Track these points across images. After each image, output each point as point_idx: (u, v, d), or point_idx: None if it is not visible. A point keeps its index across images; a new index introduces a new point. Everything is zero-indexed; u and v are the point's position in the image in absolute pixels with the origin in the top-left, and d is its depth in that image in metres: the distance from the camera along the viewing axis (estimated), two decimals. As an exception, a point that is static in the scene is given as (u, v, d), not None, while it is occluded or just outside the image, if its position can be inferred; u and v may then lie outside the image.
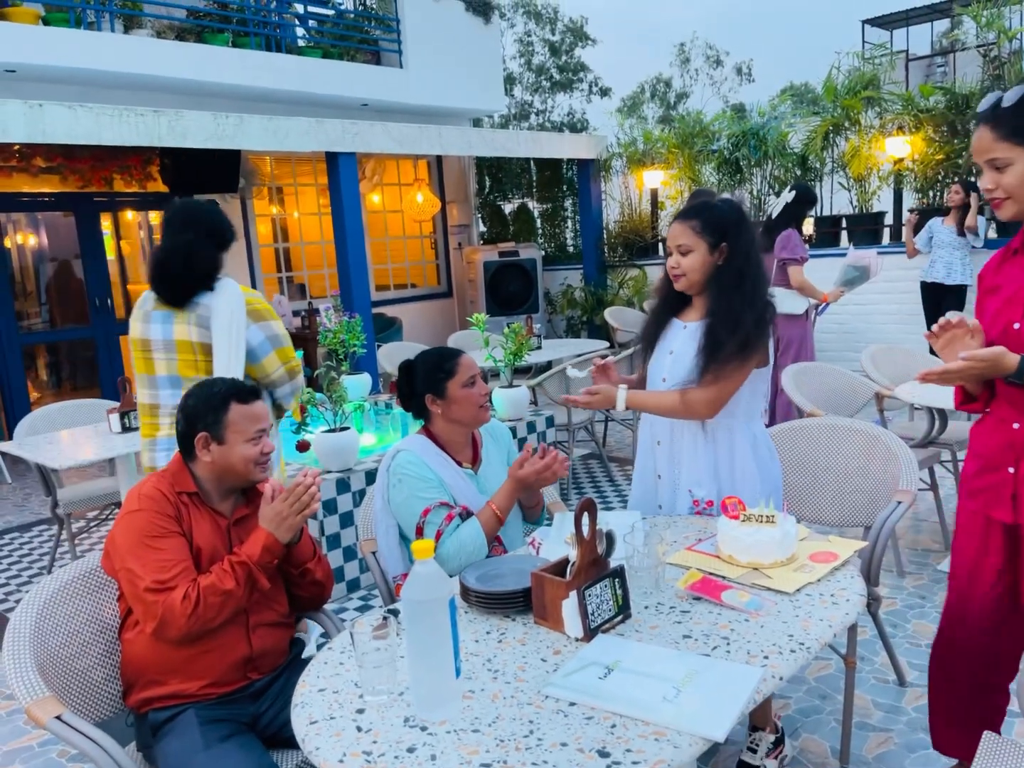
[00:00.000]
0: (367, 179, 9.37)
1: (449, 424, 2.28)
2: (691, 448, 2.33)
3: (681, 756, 1.27)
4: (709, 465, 2.31)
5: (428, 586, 1.39)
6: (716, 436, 2.31)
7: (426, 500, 2.17)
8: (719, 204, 2.29)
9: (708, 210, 2.26)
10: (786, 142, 8.25)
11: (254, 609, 1.92)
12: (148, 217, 8.76)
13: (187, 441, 1.95)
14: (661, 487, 2.41)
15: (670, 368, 2.32)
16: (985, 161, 1.74)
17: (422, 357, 2.36)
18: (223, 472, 1.95)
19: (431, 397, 2.27)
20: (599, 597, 1.65)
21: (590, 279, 9.37)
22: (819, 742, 2.50)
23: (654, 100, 27.75)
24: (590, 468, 5.68)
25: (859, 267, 4.89)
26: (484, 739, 1.33)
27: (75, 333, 8.31)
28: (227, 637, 1.87)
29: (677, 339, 2.35)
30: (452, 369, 2.27)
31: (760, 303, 2.24)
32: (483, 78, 9.27)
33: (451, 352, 2.35)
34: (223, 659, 1.87)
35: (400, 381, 2.35)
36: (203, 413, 1.94)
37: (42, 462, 3.64)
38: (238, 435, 1.93)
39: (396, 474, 2.22)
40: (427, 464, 2.22)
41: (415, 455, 2.24)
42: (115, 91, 6.77)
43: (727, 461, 2.32)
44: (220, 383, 2.02)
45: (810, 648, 1.55)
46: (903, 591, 3.44)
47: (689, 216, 2.26)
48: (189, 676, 1.84)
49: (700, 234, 2.23)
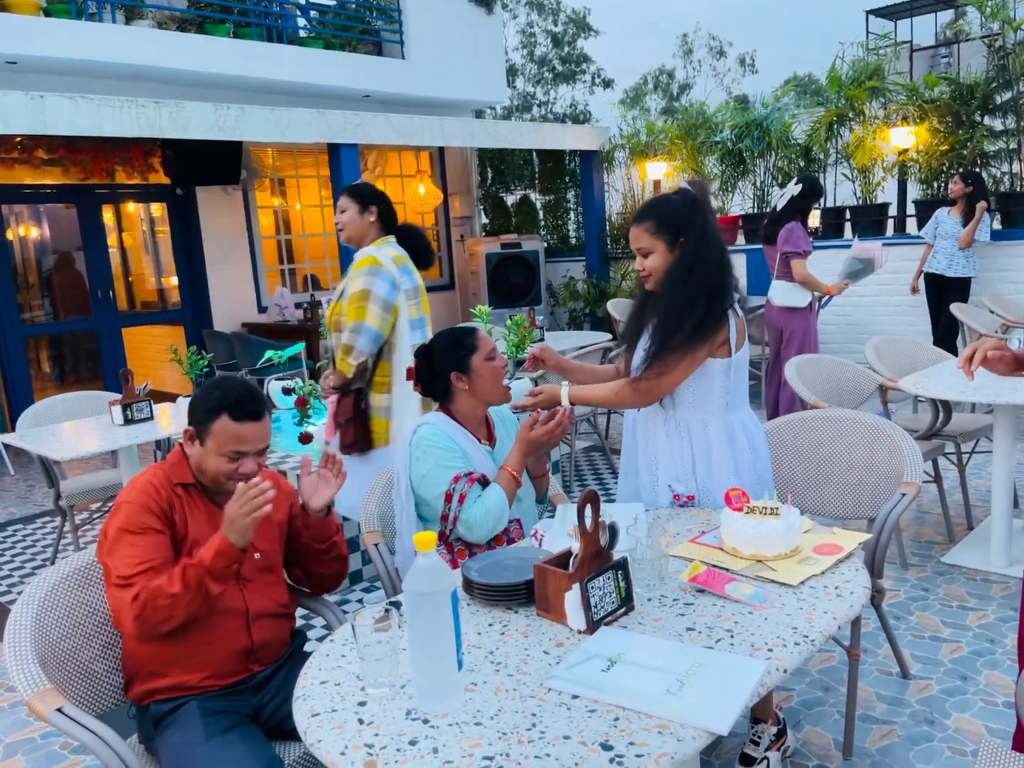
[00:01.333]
0: (369, 170, 9.35)
1: (473, 400, 2.32)
2: (665, 444, 2.33)
3: (685, 749, 1.26)
4: (686, 460, 2.32)
5: (430, 578, 1.38)
6: (691, 430, 2.31)
7: (452, 469, 2.19)
8: (672, 198, 2.28)
9: (661, 206, 2.26)
10: (790, 133, 8.20)
11: (254, 600, 1.92)
12: (150, 209, 8.76)
13: (187, 425, 1.95)
14: (640, 484, 2.42)
15: None
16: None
17: (439, 338, 2.38)
18: (198, 471, 1.94)
19: (457, 374, 2.29)
20: (602, 589, 1.64)
21: (592, 271, 9.35)
22: (822, 734, 2.50)
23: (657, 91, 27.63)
24: (592, 460, 5.67)
25: (863, 259, 4.87)
26: (486, 732, 1.32)
27: (77, 325, 8.31)
28: (227, 629, 1.87)
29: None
30: (473, 344, 2.30)
31: (709, 293, 2.19)
32: (485, 69, 9.23)
33: (467, 328, 2.38)
34: (224, 651, 1.86)
35: (419, 365, 2.36)
36: (196, 408, 1.92)
37: (44, 454, 3.64)
38: (216, 446, 1.89)
39: (419, 447, 2.24)
40: (450, 436, 2.26)
41: (438, 428, 2.27)
42: (116, 82, 6.75)
43: (704, 454, 2.31)
44: (227, 386, 1.93)
45: (814, 641, 1.54)
46: (906, 583, 3.43)
47: (643, 218, 2.26)
48: (190, 668, 1.83)
49: (656, 234, 2.23)
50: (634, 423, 2.44)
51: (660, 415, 2.34)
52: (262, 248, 8.85)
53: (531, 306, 6.96)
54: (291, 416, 4.42)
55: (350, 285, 3.07)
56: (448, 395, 2.34)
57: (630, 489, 2.48)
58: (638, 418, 2.41)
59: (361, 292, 3.02)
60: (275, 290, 8.68)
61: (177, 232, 8.43)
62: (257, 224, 8.78)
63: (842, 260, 5.12)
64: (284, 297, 8.50)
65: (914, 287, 6.74)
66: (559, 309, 9.86)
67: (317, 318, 7.46)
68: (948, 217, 6.38)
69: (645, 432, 2.39)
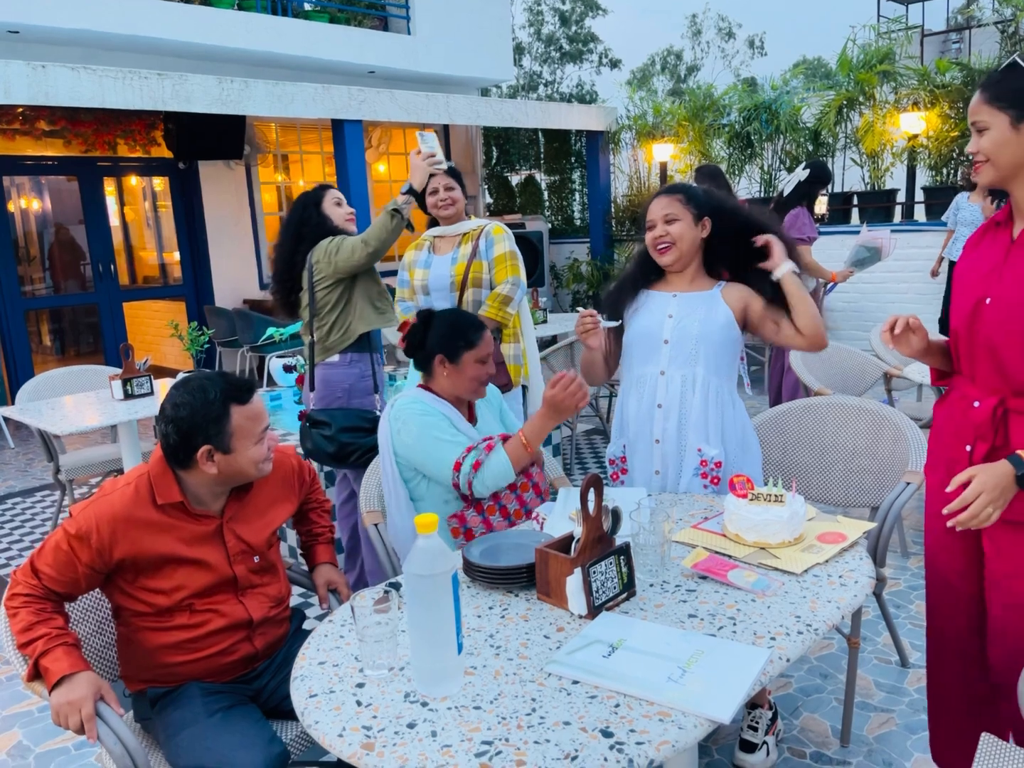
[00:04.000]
0: (373, 148, 9.28)
1: (450, 388, 2.29)
2: (701, 408, 2.29)
3: (686, 737, 1.25)
4: (717, 425, 2.30)
5: (430, 561, 1.37)
6: (722, 400, 2.31)
7: (442, 437, 2.18)
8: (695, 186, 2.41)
9: (688, 188, 2.37)
10: (798, 116, 8.13)
11: (255, 608, 1.87)
12: (152, 183, 8.69)
13: (182, 455, 1.75)
14: (661, 451, 2.36)
15: (672, 330, 2.31)
16: (971, 123, 1.73)
17: (447, 315, 2.34)
18: (228, 479, 1.81)
19: (442, 358, 2.25)
20: (604, 574, 1.63)
21: (597, 253, 9.30)
22: (820, 721, 2.49)
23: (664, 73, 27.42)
24: (593, 443, 5.66)
25: (871, 247, 4.81)
26: (486, 716, 1.31)
27: (78, 299, 8.28)
28: (230, 642, 1.84)
29: (671, 306, 2.34)
30: (474, 341, 2.26)
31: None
32: (492, 47, 9.14)
33: (477, 323, 2.32)
34: (227, 660, 1.85)
35: (415, 328, 2.31)
36: (202, 425, 1.73)
37: (44, 428, 3.62)
38: (246, 440, 1.77)
39: (398, 419, 2.22)
40: (428, 404, 2.24)
41: (414, 397, 2.26)
42: (119, 53, 6.68)
43: (737, 427, 2.33)
44: (211, 385, 1.76)
45: (817, 630, 1.53)
46: (907, 571, 3.43)
47: (672, 191, 2.34)
48: (191, 676, 1.82)
49: (686, 205, 2.30)
50: (652, 390, 2.35)
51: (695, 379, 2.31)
52: (265, 224, 8.79)
53: (534, 287, 6.91)
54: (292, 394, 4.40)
55: (496, 247, 3.39)
56: (428, 371, 2.30)
57: (642, 458, 2.39)
58: (659, 385, 2.34)
59: (511, 252, 3.42)
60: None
61: (179, 206, 8.38)
62: (260, 200, 8.73)
63: (849, 247, 5.07)
64: (286, 274, 8.45)
65: (934, 271, 6.69)
66: (562, 291, 9.82)
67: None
68: (968, 203, 6.32)
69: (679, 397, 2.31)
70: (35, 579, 1.72)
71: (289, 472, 2.04)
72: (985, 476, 1.63)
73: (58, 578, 1.72)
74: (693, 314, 2.30)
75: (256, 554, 1.89)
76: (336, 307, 3.13)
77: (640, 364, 2.37)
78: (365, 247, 2.99)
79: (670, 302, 2.35)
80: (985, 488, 1.62)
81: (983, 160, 1.70)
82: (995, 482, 1.62)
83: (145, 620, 1.79)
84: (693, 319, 2.29)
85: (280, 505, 1.99)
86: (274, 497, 1.98)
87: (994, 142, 1.66)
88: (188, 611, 1.80)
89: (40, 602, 1.70)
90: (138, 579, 1.77)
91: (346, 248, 3.03)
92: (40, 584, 1.72)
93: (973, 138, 1.72)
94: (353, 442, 2.91)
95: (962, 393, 1.82)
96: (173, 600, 1.78)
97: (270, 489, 1.97)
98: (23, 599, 1.70)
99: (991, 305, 1.70)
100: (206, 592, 1.81)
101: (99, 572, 1.75)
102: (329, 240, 3.09)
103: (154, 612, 1.78)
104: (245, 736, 1.68)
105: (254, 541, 1.88)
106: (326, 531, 2.20)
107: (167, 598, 1.77)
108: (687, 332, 2.29)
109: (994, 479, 1.62)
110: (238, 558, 1.85)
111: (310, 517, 2.19)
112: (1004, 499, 1.64)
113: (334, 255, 3.04)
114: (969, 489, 1.63)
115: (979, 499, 1.62)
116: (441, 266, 3.40)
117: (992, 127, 1.66)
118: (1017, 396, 1.69)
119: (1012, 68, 1.65)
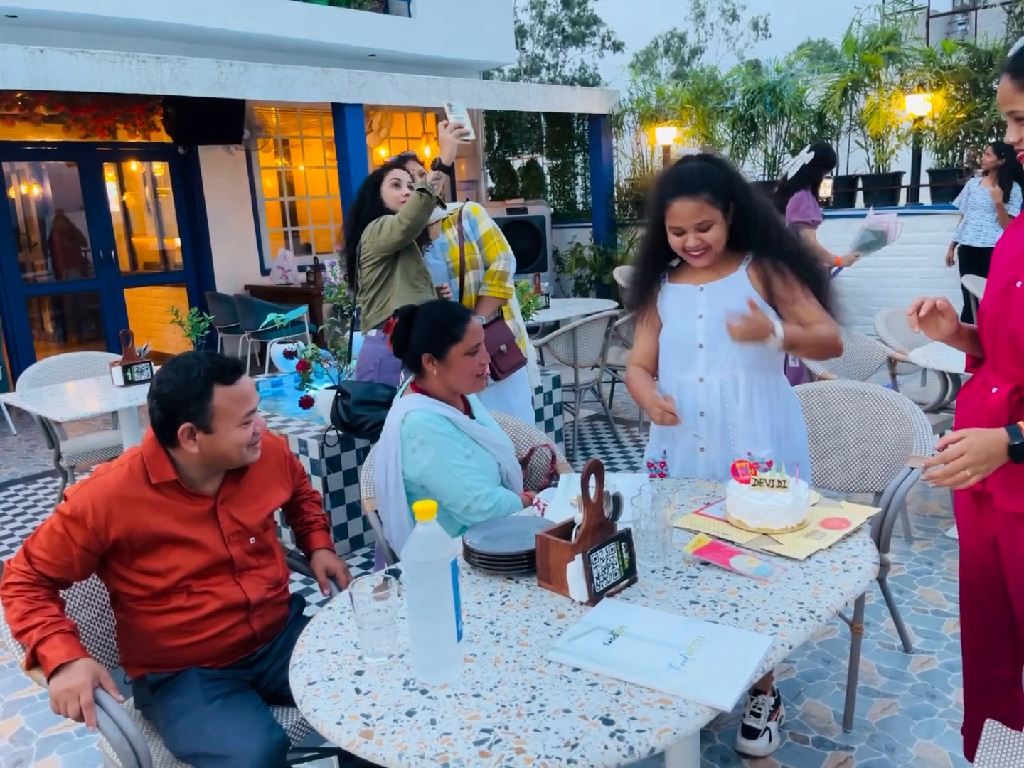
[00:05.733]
0: (374, 132, 9.22)
1: (443, 386, 2.23)
2: (746, 412, 2.19)
3: (687, 725, 1.24)
4: (765, 424, 2.19)
5: (430, 547, 1.35)
6: (769, 393, 2.21)
7: (455, 462, 2.14)
8: (705, 167, 2.13)
9: (705, 175, 2.10)
10: (803, 99, 8.06)
11: (252, 590, 1.86)
12: (152, 168, 8.65)
13: (167, 431, 1.76)
14: (706, 460, 2.25)
15: (706, 333, 2.18)
16: (1007, 112, 1.64)
17: (427, 310, 2.26)
18: (212, 461, 1.80)
19: (429, 356, 2.19)
20: (605, 561, 1.62)
21: (599, 238, 9.25)
22: (822, 706, 2.49)
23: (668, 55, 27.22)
24: (596, 429, 5.64)
25: (877, 231, 4.77)
26: (485, 704, 1.30)
27: (79, 285, 8.26)
28: (228, 624, 1.83)
29: (699, 303, 2.19)
30: (459, 334, 2.17)
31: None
32: (493, 29, 9.05)
33: (460, 314, 2.23)
34: (225, 644, 1.84)
35: (399, 328, 2.24)
36: (184, 402, 1.73)
37: (44, 414, 3.62)
38: (228, 421, 1.76)
39: (414, 437, 2.15)
40: (432, 413, 2.18)
41: (427, 412, 2.18)
42: (117, 37, 6.63)
43: (782, 416, 2.23)
44: (197, 363, 1.76)
45: (820, 616, 1.51)
46: (910, 557, 3.41)
47: (697, 190, 2.08)
48: (190, 660, 1.81)
49: (714, 205, 2.09)
50: (692, 397, 2.22)
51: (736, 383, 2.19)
52: (265, 210, 8.76)
53: (536, 272, 6.88)
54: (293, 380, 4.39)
55: (481, 225, 3.47)
56: (419, 371, 2.23)
57: (687, 468, 2.28)
58: (699, 390, 2.21)
59: (494, 227, 3.51)
60: (278, 252, 8.61)
61: (179, 192, 8.34)
62: (260, 185, 8.68)
63: (854, 231, 5.03)
64: (287, 259, 8.43)
65: (949, 258, 6.65)
66: (565, 276, 9.78)
67: (320, 281, 7.40)
68: (980, 187, 6.26)
69: (720, 403, 2.20)
70: (28, 565, 1.72)
71: (282, 459, 2.04)
72: (974, 439, 1.57)
73: (52, 562, 1.71)
74: (731, 309, 2.12)
75: (252, 535, 1.89)
76: (377, 284, 3.24)
77: (677, 371, 2.24)
78: (400, 225, 3.10)
79: (697, 298, 2.20)
80: (970, 450, 1.56)
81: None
82: (982, 446, 1.56)
83: (142, 604, 1.78)
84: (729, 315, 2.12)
85: (275, 490, 1.99)
86: (269, 481, 1.98)
87: None
88: (185, 593, 1.79)
89: (33, 589, 1.70)
90: (134, 561, 1.76)
91: (386, 227, 3.15)
92: (33, 570, 1.71)
93: (1012, 127, 1.61)
94: (364, 415, 3.04)
95: (983, 379, 1.77)
96: (169, 581, 1.77)
97: (265, 473, 1.97)
98: (16, 588, 1.69)
99: (1021, 288, 1.64)
100: (202, 573, 1.80)
101: (94, 554, 1.74)
102: (376, 220, 3.21)
103: (151, 595, 1.77)
104: (245, 723, 1.68)
105: (249, 522, 1.88)
106: (319, 519, 2.18)
107: (163, 580, 1.77)
108: (721, 335, 2.13)
109: (982, 443, 1.56)
110: (233, 539, 1.85)
111: (302, 508, 2.17)
112: (988, 466, 1.57)
113: (376, 234, 3.17)
114: (953, 447, 1.57)
115: (960, 459, 1.56)
116: (430, 256, 3.44)
117: None
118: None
119: None
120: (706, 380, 2.21)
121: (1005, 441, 1.56)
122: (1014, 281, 1.66)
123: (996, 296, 1.70)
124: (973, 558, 1.89)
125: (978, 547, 1.86)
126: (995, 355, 1.74)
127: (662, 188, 2.16)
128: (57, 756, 2.49)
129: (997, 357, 1.73)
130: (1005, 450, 1.56)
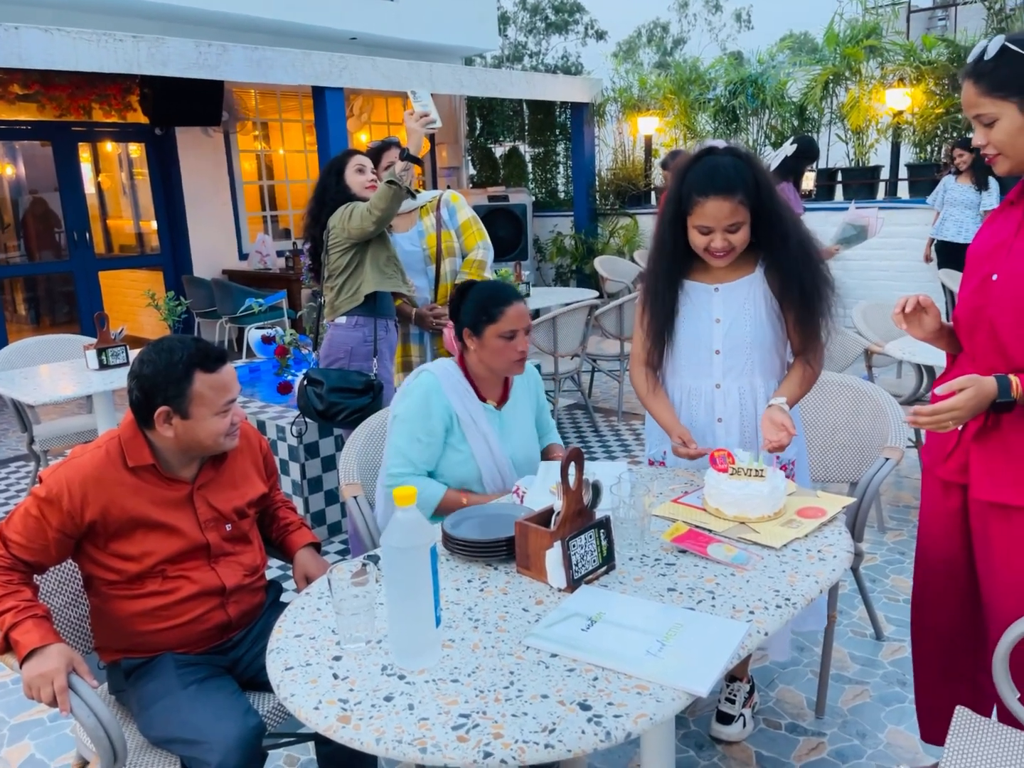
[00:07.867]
0: (355, 116, 9.13)
1: (481, 363, 2.25)
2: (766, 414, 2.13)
3: (664, 710, 1.24)
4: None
5: (409, 533, 1.35)
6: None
7: (414, 432, 2.17)
8: (739, 164, 2.02)
9: (740, 174, 2.00)
10: (784, 91, 8.08)
11: (228, 576, 1.85)
12: (128, 149, 8.53)
13: (144, 413, 1.75)
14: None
15: (723, 338, 2.14)
16: (972, 116, 1.66)
17: (478, 288, 2.27)
18: (187, 446, 1.79)
19: (468, 332, 2.23)
20: (583, 548, 1.62)
21: (581, 227, 9.24)
22: (796, 693, 2.52)
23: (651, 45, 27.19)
24: (575, 418, 5.66)
25: (858, 225, 4.79)
26: (463, 689, 1.30)
27: (53, 267, 8.14)
28: (203, 610, 1.82)
29: (715, 305, 2.14)
30: (495, 316, 2.18)
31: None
32: (476, 14, 9.00)
33: (503, 296, 2.21)
34: (200, 629, 1.82)
35: (453, 299, 2.31)
36: (162, 385, 1.72)
37: (17, 398, 3.56)
38: (205, 409, 1.74)
39: (410, 393, 2.22)
40: (442, 391, 2.20)
41: (435, 379, 2.22)
42: (93, 15, 6.51)
43: (796, 417, 2.23)
44: (180, 347, 1.74)
45: (796, 604, 1.53)
46: (883, 546, 3.46)
47: (733, 190, 1.98)
48: (164, 645, 1.80)
49: (747, 205, 2.01)
50: (711, 405, 2.18)
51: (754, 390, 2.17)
52: (244, 193, 8.66)
53: (517, 261, 6.86)
54: (271, 366, 4.36)
55: (459, 214, 3.51)
56: (463, 343, 2.27)
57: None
58: (716, 397, 2.18)
59: (473, 216, 3.55)
60: (256, 237, 8.53)
61: (156, 174, 8.22)
62: (239, 168, 8.58)
63: (835, 224, 5.05)
64: (266, 244, 8.35)
65: (927, 255, 6.70)
66: (546, 264, 9.77)
67: (299, 266, 7.34)
68: (956, 184, 6.31)
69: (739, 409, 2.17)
70: (3, 548, 1.70)
71: (260, 451, 2.04)
72: (972, 393, 1.60)
73: (27, 545, 1.70)
74: (742, 315, 2.11)
75: (228, 522, 1.88)
76: (347, 270, 3.21)
77: (692, 376, 2.19)
78: (370, 216, 3.07)
79: (713, 299, 2.14)
80: (964, 406, 1.60)
81: (994, 153, 1.64)
82: (976, 403, 1.61)
83: (116, 588, 1.77)
84: (743, 323, 2.11)
85: (252, 481, 1.97)
86: (248, 471, 1.96)
87: (1007, 133, 1.60)
88: (160, 577, 1.78)
89: (7, 573, 1.68)
90: (108, 544, 1.75)
91: (356, 215, 3.12)
92: (8, 554, 1.69)
93: (979, 131, 1.64)
94: (340, 402, 3.02)
95: (961, 371, 1.79)
96: (143, 566, 1.75)
97: (244, 463, 1.96)
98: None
99: (998, 281, 1.67)
100: (177, 558, 1.79)
101: (70, 536, 1.72)
102: (345, 206, 3.18)
103: (125, 580, 1.76)
104: (220, 708, 1.67)
105: (225, 509, 1.86)
106: (296, 521, 2.12)
107: (137, 564, 1.75)
108: (739, 341, 2.12)
109: (975, 400, 1.61)
110: (209, 525, 1.84)
111: (278, 514, 2.11)
112: (971, 416, 1.63)
113: (347, 221, 3.14)
114: (951, 400, 1.61)
115: (950, 412, 1.61)
116: (407, 243, 3.42)
117: (1002, 118, 1.59)
118: (1014, 375, 1.65)
119: (1003, 52, 1.56)
120: (723, 387, 2.17)
121: (992, 396, 1.61)
122: (991, 274, 1.68)
123: (974, 289, 1.72)
124: (933, 542, 1.94)
125: (940, 534, 1.91)
126: (973, 348, 1.76)
127: (691, 183, 2.02)
128: (30, 742, 2.47)
129: (975, 349, 1.75)
130: (989, 404, 1.62)
